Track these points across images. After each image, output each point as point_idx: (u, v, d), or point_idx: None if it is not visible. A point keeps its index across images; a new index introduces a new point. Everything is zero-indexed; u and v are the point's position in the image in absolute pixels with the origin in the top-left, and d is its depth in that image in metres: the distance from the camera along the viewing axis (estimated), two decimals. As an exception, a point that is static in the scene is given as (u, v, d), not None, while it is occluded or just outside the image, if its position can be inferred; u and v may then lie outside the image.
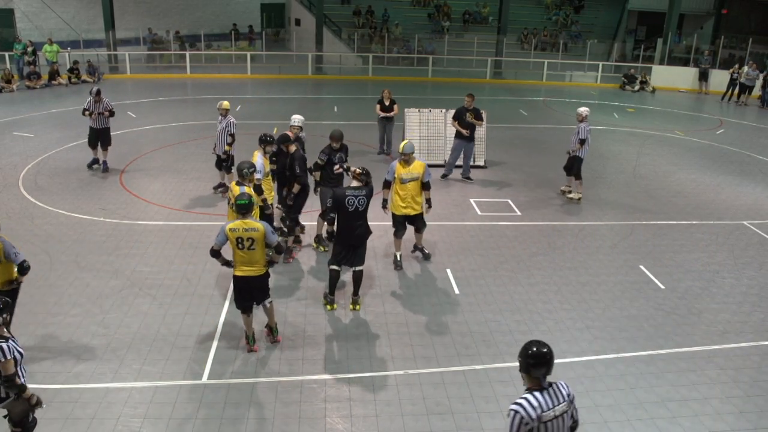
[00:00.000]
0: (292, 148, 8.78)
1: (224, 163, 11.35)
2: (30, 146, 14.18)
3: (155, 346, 6.82)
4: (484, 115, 12.85)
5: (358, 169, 7.43)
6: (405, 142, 8.66)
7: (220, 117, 11.20)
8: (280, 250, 6.62)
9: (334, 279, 7.58)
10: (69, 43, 24.72)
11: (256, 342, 6.81)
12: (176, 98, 20.20)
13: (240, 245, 6.31)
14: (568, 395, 3.94)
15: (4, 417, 5.05)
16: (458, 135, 12.44)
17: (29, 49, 22.02)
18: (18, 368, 4.73)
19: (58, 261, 8.66)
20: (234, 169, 10.51)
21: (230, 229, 6.31)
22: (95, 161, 12.65)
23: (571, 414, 3.97)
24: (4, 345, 4.64)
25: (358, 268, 7.52)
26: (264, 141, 8.63)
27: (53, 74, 21.81)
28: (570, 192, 11.98)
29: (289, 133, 9.16)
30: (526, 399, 3.82)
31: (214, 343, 6.91)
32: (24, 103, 18.94)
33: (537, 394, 3.84)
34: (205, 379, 6.32)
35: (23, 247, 9.00)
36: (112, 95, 20.76)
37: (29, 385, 4.90)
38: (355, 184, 7.40)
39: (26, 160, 13.15)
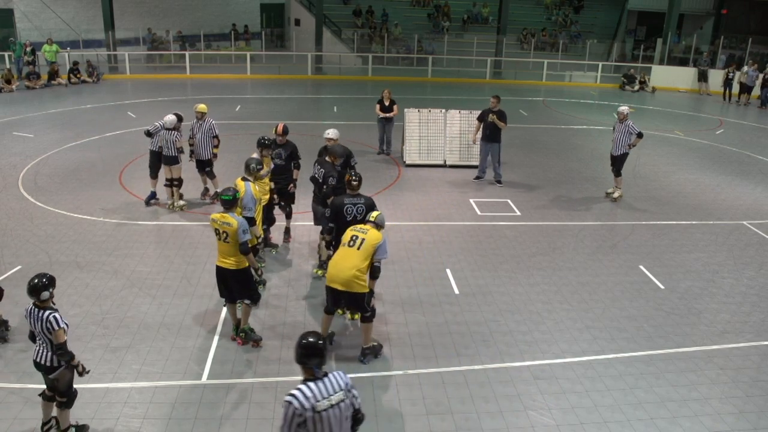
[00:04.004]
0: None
1: (208, 167, 10.88)
2: (29, 146, 14.18)
3: (155, 346, 6.82)
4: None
5: (351, 178, 7.22)
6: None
7: (196, 121, 10.62)
8: (243, 250, 6.50)
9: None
10: (69, 43, 24.73)
11: (239, 334, 6.92)
12: (176, 98, 20.20)
13: (218, 236, 6.58)
14: (346, 384, 4.00)
15: (44, 392, 5.30)
16: (483, 137, 12.38)
17: (28, 50, 22.03)
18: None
19: (57, 261, 8.66)
20: (236, 171, 10.40)
21: (212, 219, 6.64)
22: (154, 195, 10.89)
23: (351, 402, 4.03)
24: (57, 315, 5.04)
25: None
26: (264, 147, 8.58)
27: (53, 74, 21.81)
28: (614, 191, 12.00)
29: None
30: (299, 389, 3.88)
31: (214, 343, 6.91)
32: (24, 103, 18.95)
33: (311, 384, 3.91)
34: (204, 379, 6.32)
35: (23, 247, 9.05)
36: (112, 95, 20.86)
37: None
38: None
39: (26, 160, 13.15)
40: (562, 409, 6.03)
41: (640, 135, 11.41)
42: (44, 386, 5.34)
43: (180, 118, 10.48)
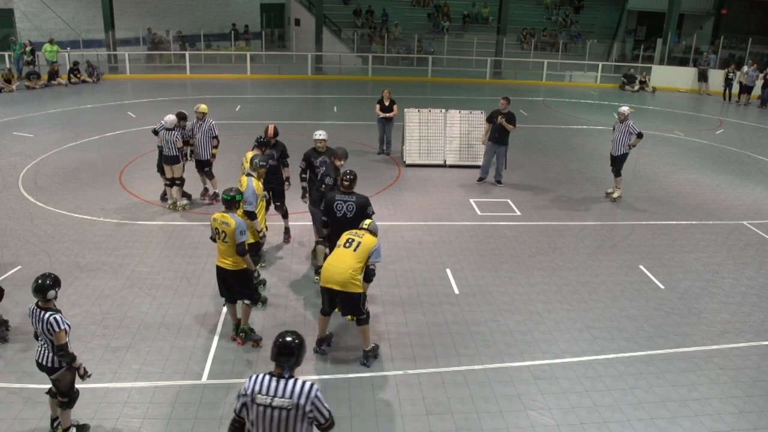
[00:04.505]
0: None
1: (207, 168, 10.84)
2: (29, 146, 14.18)
3: (155, 346, 6.82)
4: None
5: (344, 177, 7.24)
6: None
7: (196, 122, 10.60)
8: (241, 251, 6.49)
9: None
10: (69, 43, 24.73)
11: (239, 334, 6.93)
12: (176, 98, 20.21)
13: (218, 236, 6.59)
14: (302, 398, 3.86)
15: (51, 390, 5.32)
16: (490, 138, 12.30)
17: (27, 49, 22.03)
18: (67, 339, 5.08)
19: (57, 261, 8.66)
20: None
21: (213, 219, 6.65)
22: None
23: (314, 417, 3.91)
24: (58, 316, 5.04)
25: None
26: (263, 146, 8.59)
27: (53, 74, 21.82)
28: (613, 191, 12.02)
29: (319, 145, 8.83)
30: (257, 375, 3.99)
31: (214, 343, 6.91)
32: (24, 103, 18.95)
33: (268, 377, 3.96)
34: (204, 379, 6.32)
35: (23, 247, 9.05)
36: (112, 95, 20.86)
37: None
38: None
39: (26, 160, 13.15)
40: (562, 409, 6.03)
41: (640, 135, 11.40)
42: (50, 384, 5.35)
43: (182, 117, 10.49)
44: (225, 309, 7.41)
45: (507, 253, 9.47)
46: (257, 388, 3.92)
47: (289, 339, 4.01)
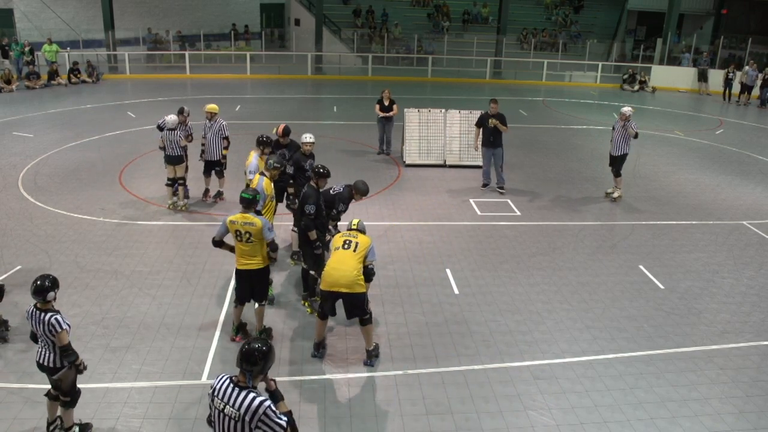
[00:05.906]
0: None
1: (218, 168, 10.85)
2: (29, 146, 14.18)
3: (155, 346, 6.82)
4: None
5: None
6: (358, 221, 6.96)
7: (206, 122, 10.61)
8: (274, 248, 6.61)
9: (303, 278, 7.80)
10: (68, 43, 24.73)
11: (239, 333, 6.95)
12: (176, 98, 20.20)
13: (239, 237, 6.49)
14: (246, 414, 3.81)
15: (50, 392, 5.30)
16: (484, 142, 12.13)
17: (26, 50, 22.04)
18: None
19: (57, 261, 8.66)
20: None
21: (230, 221, 6.51)
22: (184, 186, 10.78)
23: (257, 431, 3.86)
24: (59, 317, 5.04)
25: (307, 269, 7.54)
26: (263, 145, 8.56)
27: (53, 74, 21.82)
28: (613, 191, 12.01)
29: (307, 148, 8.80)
30: (224, 376, 3.96)
31: (214, 343, 6.91)
32: (23, 103, 18.95)
33: (228, 381, 3.91)
34: (204, 378, 6.32)
35: (23, 247, 9.05)
36: (112, 95, 20.86)
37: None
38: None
39: (26, 160, 13.15)
40: (562, 409, 6.03)
41: (635, 136, 11.39)
42: (48, 386, 5.34)
43: (181, 111, 10.49)
44: (225, 309, 7.41)
45: (507, 253, 9.47)
46: (217, 391, 3.93)
47: (254, 346, 3.92)
